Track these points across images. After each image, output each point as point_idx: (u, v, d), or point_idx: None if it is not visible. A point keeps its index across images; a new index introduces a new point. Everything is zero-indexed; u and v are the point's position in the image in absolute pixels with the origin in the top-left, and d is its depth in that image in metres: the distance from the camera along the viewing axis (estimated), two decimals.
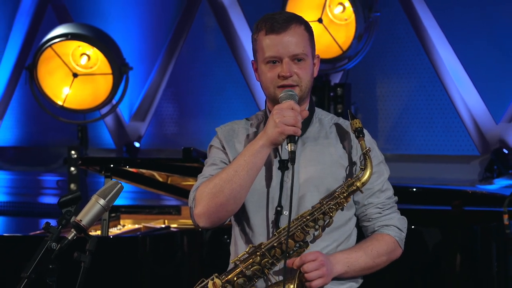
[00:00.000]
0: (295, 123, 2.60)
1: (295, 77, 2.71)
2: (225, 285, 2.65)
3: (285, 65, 2.69)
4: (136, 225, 5.38)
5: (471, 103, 6.48)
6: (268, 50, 2.71)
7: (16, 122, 8.77)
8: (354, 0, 6.12)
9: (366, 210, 2.80)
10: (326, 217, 2.66)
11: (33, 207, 8.53)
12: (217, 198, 2.66)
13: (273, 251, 2.65)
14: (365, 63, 6.55)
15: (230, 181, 2.65)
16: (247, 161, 2.65)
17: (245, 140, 2.83)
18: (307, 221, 2.65)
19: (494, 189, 6.24)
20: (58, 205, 2.64)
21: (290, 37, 2.70)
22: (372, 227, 2.80)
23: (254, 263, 2.65)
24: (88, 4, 8.16)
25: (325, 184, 2.73)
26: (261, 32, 2.73)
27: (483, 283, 4.99)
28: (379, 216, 2.80)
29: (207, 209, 2.68)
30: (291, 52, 2.70)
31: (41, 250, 2.53)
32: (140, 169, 5.19)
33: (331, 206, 2.65)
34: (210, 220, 2.70)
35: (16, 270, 2.58)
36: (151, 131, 7.98)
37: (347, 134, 2.80)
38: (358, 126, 2.68)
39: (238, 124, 2.89)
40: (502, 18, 6.29)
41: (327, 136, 2.81)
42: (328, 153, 2.78)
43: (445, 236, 4.91)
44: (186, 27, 7.73)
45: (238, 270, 2.65)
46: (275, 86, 2.72)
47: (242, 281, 2.65)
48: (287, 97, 2.66)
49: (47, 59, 6.92)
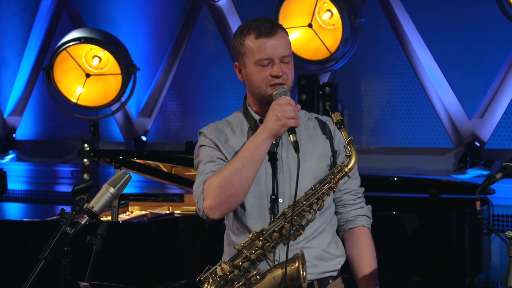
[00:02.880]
0: (294, 116, 2.63)
1: (284, 76, 2.73)
2: (232, 269, 2.65)
3: (277, 65, 2.71)
4: (143, 212, 5.38)
5: (447, 100, 6.47)
6: (260, 53, 2.72)
7: (34, 118, 8.75)
8: (341, 7, 6.11)
9: (342, 196, 2.86)
10: (320, 202, 2.70)
11: (50, 195, 8.52)
12: (227, 190, 2.64)
13: (274, 235, 2.66)
14: (350, 64, 6.55)
15: (238, 173, 2.64)
16: (252, 154, 2.65)
17: (234, 138, 2.82)
18: (303, 206, 2.68)
19: (467, 179, 6.24)
20: (72, 193, 2.64)
21: (278, 40, 2.73)
22: (347, 216, 2.87)
23: (257, 248, 2.67)
24: (99, 11, 8.14)
25: (313, 172, 2.75)
26: (249, 37, 2.74)
27: (457, 263, 5.00)
28: (353, 203, 2.87)
29: (217, 201, 2.66)
30: (281, 54, 2.72)
31: (57, 234, 2.54)
32: (147, 161, 5.18)
33: (323, 191, 2.69)
34: (221, 211, 2.69)
35: (34, 252, 2.57)
36: (157, 126, 7.97)
37: (327, 127, 2.85)
38: (339, 119, 2.72)
39: (221, 124, 2.89)
40: (474, 24, 6.29)
41: (309, 130, 2.84)
42: (314, 145, 2.81)
43: (423, 221, 4.91)
44: (189, 32, 7.71)
45: (243, 255, 2.67)
46: (267, 85, 2.73)
47: (247, 265, 2.66)
48: (282, 94, 2.68)
49: (62, 61, 6.90)
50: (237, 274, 2.66)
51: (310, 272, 2.71)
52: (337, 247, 2.83)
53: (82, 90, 6.94)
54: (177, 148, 6.47)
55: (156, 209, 5.33)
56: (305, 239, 2.73)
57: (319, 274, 2.76)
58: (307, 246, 2.73)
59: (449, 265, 4.96)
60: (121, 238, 4.50)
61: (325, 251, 2.77)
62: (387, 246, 4.74)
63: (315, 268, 2.74)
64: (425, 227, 4.90)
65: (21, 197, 8.67)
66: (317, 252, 2.75)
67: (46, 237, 2.55)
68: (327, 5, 6.23)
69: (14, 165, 8.74)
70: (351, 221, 2.86)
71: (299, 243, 2.71)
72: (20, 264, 4.44)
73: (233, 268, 2.65)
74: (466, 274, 5.11)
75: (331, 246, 2.79)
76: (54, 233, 2.53)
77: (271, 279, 2.63)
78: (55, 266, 2.53)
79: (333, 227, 2.84)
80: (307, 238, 2.74)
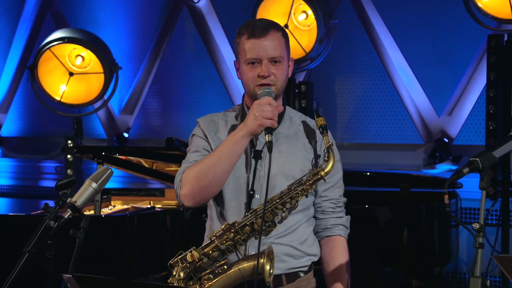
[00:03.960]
0: (272, 117, 2.63)
1: (272, 77, 2.72)
2: (201, 257, 2.65)
3: (264, 66, 2.71)
4: (125, 206, 5.36)
5: (417, 99, 6.50)
6: (250, 53, 2.72)
7: (19, 115, 8.69)
8: (315, 9, 6.11)
9: (322, 203, 2.84)
10: (293, 201, 2.69)
11: (34, 190, 8.47)
12: (201, 181, 2.66)
13: (245, 229, 2.66)
14: (325, 63, 6.55)
15: (213, 166, 2.65)
16: (229, 149, 2.66)
17: (224, 130, 2.83)
18: (276, 204, 2.68)
19: (436, 173, 6.28)
20: (56, 188, 2.63)
21: (269, 42, 2.71)
22: (325, 224, 2.85)
23: (228, 239, 2.66)
24: (83, 11, 8.10)
25: (292, 173, 2.75)
26: (243, 37, 2.74)
27: (426, 254, 5.03)
28: (332, 211, 2.85)
29: (191, 190, 2.68)
30: (269, 55, 2.71)
31: (41, 228, 2.52)
32: (128, 157, 5.16)
33: (297, 192, 2.69)
34: (195, 200, 2.70)
35: (19, 246, 2.56)
36: (138, 123, 7.94)
37: (313, 131, 2.83)
38: (323, 124, 2.71)
39: (217, 116, 2.89)
40: (443, 24, 6.32)
41: (296, 132, 2.83)
42: (296, 147, 2.80)
43: (394, 214, 4.94)
44: (169, 32, 7.69)
45: (213, 245, 2.67)
46: (255, 84, 2.73)
47: (216, 254, 2.66)
48: (265, 94, 2.68)
49: (46, 60, 6.85)
50: (206, 262, 2.65)
51: (278, 267, 2.70)
52: (312, 247, 2.82)
53: (65, 88, 6.90)
54: (158, 145, 6.46)
55: (137, 203, 5.32)
56: (276, 235, 2.72)
57: (287, 270, 2.75)
58: (277, 242, 2.72)
59: (419, 256, 4.98)
60: (104, 232, 4.49)
61: (295, 248, 2.76)
62: (360, 239, 4.75)
63: (283, 263, 2.73)
64: (397, 220, 4.93)
65: (6, 192, 8.61)
66: (286, 249, 2.74)
67: (31, 230, 2.53)
68: (302, 6, 6.23)
69: (0, 161, 8.69)
70: (329, 229, 2.84)
71: (269, 238, 2.70)
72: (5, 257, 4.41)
73: (203, 256, 2.65)
74: (435, 264, 5.15)
75: (305, 244, 2.78)
76: (38, 226, 2.52)
77: (236, 271, 2.62)
78: (39, 259, 2.51)
79: (309, 228, 2.82)
80: (279, 235, 2.73)
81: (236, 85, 7.22)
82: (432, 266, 5.14)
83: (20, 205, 8.49)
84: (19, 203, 8.46)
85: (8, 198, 8.48)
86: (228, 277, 2.63)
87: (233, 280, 2.63)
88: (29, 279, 3.08)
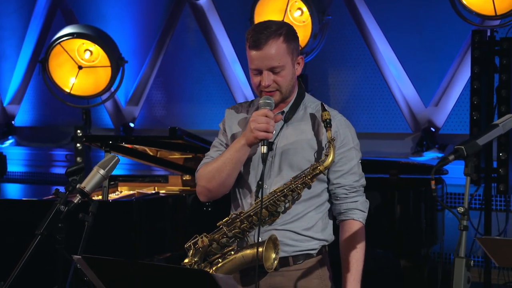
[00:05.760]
0: (266, 129, 2.59)
1: (274, 85, 2.68)
2: (211, 242, 2.66)
3: (264, 77, 2.66)
4: (131, 191, 5.36)
5: (405, 90, 6.50)
6: (251, 63, 2.68)
7: (31, 106, 8.69)
8: (310, 6, 6.09)
9: (335, 189, 2.78)
10: (295, 194, 2.67)
11: (45, 176, 8.47)
12: (209, 183, 2.73)
13: (250, 218, 2.66)
14: (319, 57, 6.54)
15: (219, 170, 2.69)
16: (232, 155, 2.68)
17: (240, 124, 2.82)
18: (278, 196, 2.66)
19: (423, 160, 6.28)
20: (66, 175, 2.63)
21: (266, 52, 2.65)
22: (339, 208, 2.79)
23: (235, 227, 2.67)
24: (91, 8, 8.08)
25: (299, 165, 2.71)
26: (247, 44, 2.69)
27: (414, 236, 5.04)
28: (345, 197, 2.78)
29: (204, 189, 2.76)
30: (268, 66, 2.66)
31: (52, 212, 2.52)
32: (134, 145, 5.16)
33: (298, 185, 2.65)
34: (208, 197, 2.79)
35: (31, 229, 2.56)
36: (143, 113, 7.93)
37: (322, 124, 2.75)
38: (327, 118, 2.66)
39: (242, 106, 2.88)
40: (430, 21, 6.31)
41: (306, 123, 2.78)
42: (304, 135, 2.75)
43: (384, 199, 4.94)
44: (172, 28, 7.67)
45: (222, 232, 2.69)
46: (259, 91, 2.71)
47: (225, 240, 2.68)
48: (264, 105, 2.64)
49: (57, 54, 6.83)
50: (216, 248, 2.67)
51: (284, 250, 2.69)
52: (323, 232, 2.78)
53: (75, 81, 6.89)
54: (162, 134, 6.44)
55: (143, 189, 5.32)
56: (282, 222, 2.70)
57: (293, 252, 2.73)
58: (282, 229, 2.70)
59: (407, 238, 4.99)
60: (111, 216, 4.49)
61: (300, 234, 2.72)
62: None
63: (289, 247, 2.71)
64: (386, 204, 4.93)
65: (19, 179, 8.62)
66: (291, 234, 2.72)
67: (42, 214, 2.53)
68: (298, 3, 6.21)
69: (13, 149, 8.68)
70: (342, 214, 2.78)
71: (275, 225, 2.69)
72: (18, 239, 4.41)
73: (213, 241, 2.67)
74: (422, 246, 5.15)
75: (312, 230, 2.74)
76: (49, 211, 2.52)
77: (240, 257, 2.65)
78: (51, 241, 2.52)
79: (320, 214, 2.77)
80: (284, 222, 2.70)
81: (235, 78, 7.21)
82: (419, 247, 5.14)
83: (33, 191, 8.50)
84: (31, 188, 8.47)
85: (21, 184, 8.48)
86: (233, 262, 2.66)
87: (238, 265, 2.66)
88: (41, 259, 3.09)
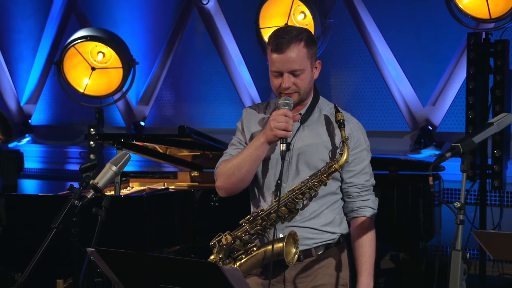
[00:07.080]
0: (285, 128, 2.60)
1: (293, 87, 2.69)
2: (234, 239, 2.68)
3: (285, 79, 2.67)
4: (142, 187, 5.36)
5: (404, 90, 6.49)
6: (273, 65, 2.68)
7: (47, 106, 8.70)
8: (313, 9, 6.09)
9: (348, 188, 2.80)
10: (312, 191, 2.68)
11: (60, 173, 8.49)
12: (229, 179, 2.73)
13: (271, 215, 2.68)
14: (321, 59, 6.39)
15: (239, 167, 2.69)
16: (251, 153, 2.68)
17: (256, 123, 2.82)
18: (296, 194, 2.67)
19: (421, 157, 6.27)
20: (80, 171, 2.63)
21: (288, 56, 2.66)
22: (351, 206, 2.81)
23: (256, 224, 2.68)
24: (103, 12, 8.09)
25: (315, 164, 2.72)
26: (269, 48, 2.70)
27: (412, 230, 5.03)
28: (357, 195, 2.81)
29: (223, 185, 2.77)
30: (289, 69, 2.67)
31: (67, 206, 2.53)
32: (145, 143, 5.16)
33: (315, 183, 2.66)
34: (227, 193, 2.79)
35: (47, 223, 2.56)
36: (153, 113, 7.94)
37: (335, 125, 2.76)
38: (340, 119, 2.68)
39: (259, 107, 2.88)
40: (427, 23, 6.30)
41: (322, 125, 2.79)
42: (319, 138, 2.76)
43: (384, 194, 4.92)
44: (181, 31, 7.68)
45: (244, 229, 2.70)
46: (278, 92, 2.71)
47: (247, 237, 2.70)
48: (283, 105, 2.65)
49: (71, 56, 6.84)
50: (239, 244, 2.69)
51: (306, 243, 2.72)
52: (340, 225, 2.81)
53: (88, 82, 6.90)
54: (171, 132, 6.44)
55: (153, 185, 5.32)
56: (301, 220, 2.72)
57: (314, 244, 2.75)
58: (302, 226, 2.73)
59: (406, 232, 4.98)
60: (123, 210, 4.50)
61: (319, 230, 2.75)
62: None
63: (310, 240, 2.74)
64: (386, 200, 4.92)
65: (36, 175, 8.64)
66: (311, 231, 2.74)
67: (58, 209, 2.54)
68: (301, 7, 6.21)
69: (30, 147, 8.70)
70: (354, 211, 2.80)
71: (295, 223, 2.71)
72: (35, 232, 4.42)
73: (236, 238, 2.69)
74: (420, 239, 5.15)
75: (330, 225, 2.77)
76: (64, 205, 2.53)
77: (262, 253, 2.66)
78: (66, 234, 2.52)
79: (336, 210, 2.80)
80: (303, 219, 2.73)
81: (241, 79, 7.21)
82: (418, 241, 5.14)
83: (48, 186, 8.51)
84: (47, 184, 8.49)
85: (38, 180, 8.50)
86: (256, 258, 2.68)
87: (260, 260, 2.67)
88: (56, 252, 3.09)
